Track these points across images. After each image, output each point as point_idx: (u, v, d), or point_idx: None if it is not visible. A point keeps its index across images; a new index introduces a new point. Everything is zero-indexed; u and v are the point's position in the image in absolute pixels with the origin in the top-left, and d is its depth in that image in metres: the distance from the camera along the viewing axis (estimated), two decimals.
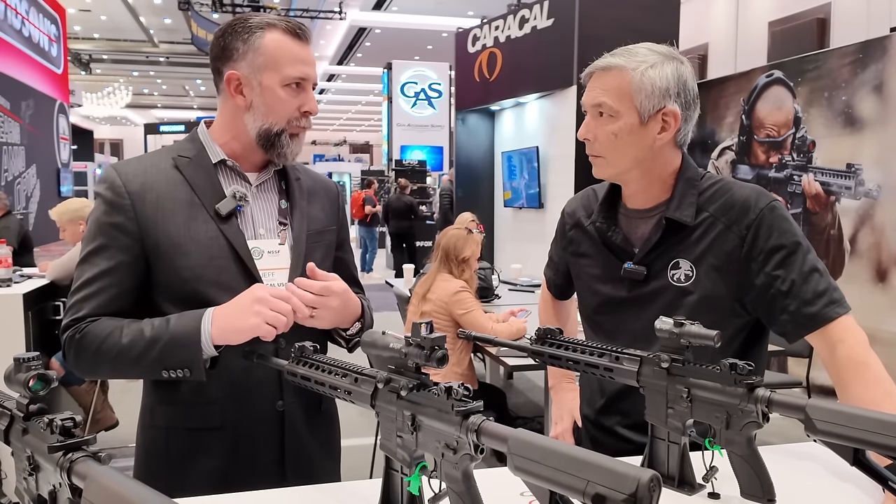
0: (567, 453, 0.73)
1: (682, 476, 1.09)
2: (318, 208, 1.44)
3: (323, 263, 1.39)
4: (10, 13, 10.21)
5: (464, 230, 3.57)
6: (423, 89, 14.52)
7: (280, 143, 1.32)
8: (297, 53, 1.31)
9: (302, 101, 1.32)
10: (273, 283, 1.31)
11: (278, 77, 1.29)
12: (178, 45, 19.24)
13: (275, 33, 1.29)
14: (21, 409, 0.84)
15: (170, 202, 1.29)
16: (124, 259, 1.26)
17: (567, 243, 1.55)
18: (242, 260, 1.29)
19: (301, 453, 1.36)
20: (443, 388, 0.86)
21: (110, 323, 1.23)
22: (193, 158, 1.34)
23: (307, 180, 1.46)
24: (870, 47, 4.20)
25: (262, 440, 1.32)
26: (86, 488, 0.69)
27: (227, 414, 1.29)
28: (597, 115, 1.34)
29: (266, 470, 1.31)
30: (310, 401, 1.37)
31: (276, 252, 1.34)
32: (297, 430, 1.35)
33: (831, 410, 0.94)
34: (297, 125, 1.33)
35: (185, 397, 1.29)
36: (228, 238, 1.29)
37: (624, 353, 1.14)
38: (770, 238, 1.28)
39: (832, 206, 4.43)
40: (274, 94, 1.29)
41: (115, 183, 1.28)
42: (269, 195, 1.39)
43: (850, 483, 1.11)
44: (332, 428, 1.47)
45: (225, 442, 1.28)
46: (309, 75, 1.32)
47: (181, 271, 1.26)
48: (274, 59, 1.29)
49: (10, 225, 6.01)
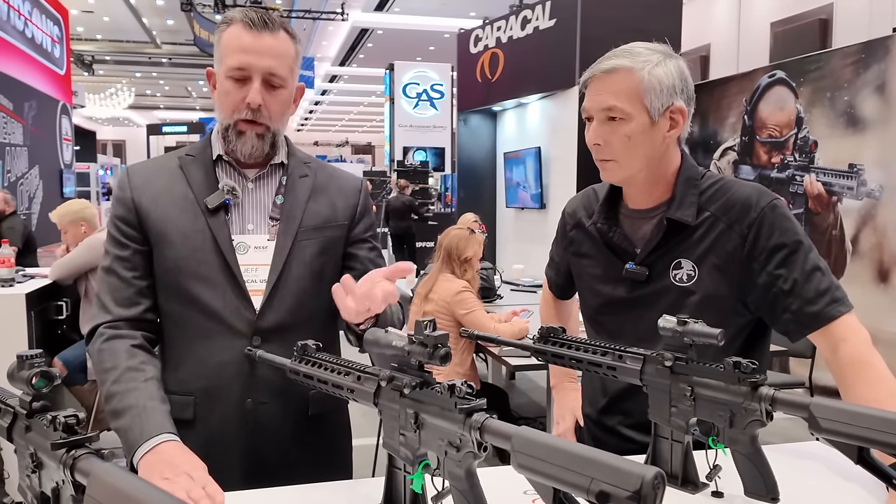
0: (571, 451, 0.73)
1: (685, 475, 1.09)
2: (324, 204, 1.40)
3: (315, 260, 1.36)
4: (13, 14, 10.23)
5: (466, 230, 3.57)
6: (426, 90, 14.51)
7: (230, 137, 1.32)
8: (242, 43, 1.27)
9: (243, 93, 1.28)
10: (255, 280, 1.32)
11: (223, 69, 1.30)
12: (181, 46, 19.26)
13: (233, 27, 1.29)
14: (24, 406, 0.84)
15: (167, 196, 1.34)
16: (135, 247, 1.33)
17: (568, 243, 1.55)
18: (223, 253, 1.30)
19: (272, 456, 1.33)
20: (446, 386, 0.86)
21: (112, 360, 1.26)
22: (197, 156, 1.38)
23: (321, 177, 1.43)
24: (872, 47, 4.19)
25: (229, 438, 1.31)
26: (89, 485, 0.69)
27: (199, 408, 1.31)
28: (605, 119, 1.31)
29: (232, 469, 1.29)
30: (295, 405, 1.34)
31: (263, 248, 1.34)
32: (268, 433, 1.32)
33: (835, 409, 0.94)
34: (241, 119, 1.30)
35: (171, 388, 1.30)
36: (213, 231, 1.31)
37: (627, 352, 1.14)
38: (772, 237, 1.28)
39: (834, 206, 4.43)
40: (222, 87, 1.31)
41: (123, 180, 1.37)
42: (265, 191, 1.39)
43: (853, 482, 1.11)
44: (325, 433, 1.42)
45: (197, 437, 1.26)
46: (249, 64, 1.26)
47: (166, 262, 1.32)
48: (223, 52, 1.30)
49: (14, 225, 6.04)
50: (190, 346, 1.32)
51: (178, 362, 1.34)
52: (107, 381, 1.24)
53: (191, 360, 1.32)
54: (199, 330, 1.30)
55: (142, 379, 1.22)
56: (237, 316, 1.30)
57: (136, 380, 1.22)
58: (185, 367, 1.33)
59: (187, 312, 1.31)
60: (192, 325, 1.31)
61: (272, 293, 1.31)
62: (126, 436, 1.16)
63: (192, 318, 1.31)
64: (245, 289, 1.30)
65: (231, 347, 1.29)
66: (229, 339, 1.28)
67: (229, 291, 1.30)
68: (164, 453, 1.11)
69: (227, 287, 1.30)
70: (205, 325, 1.30)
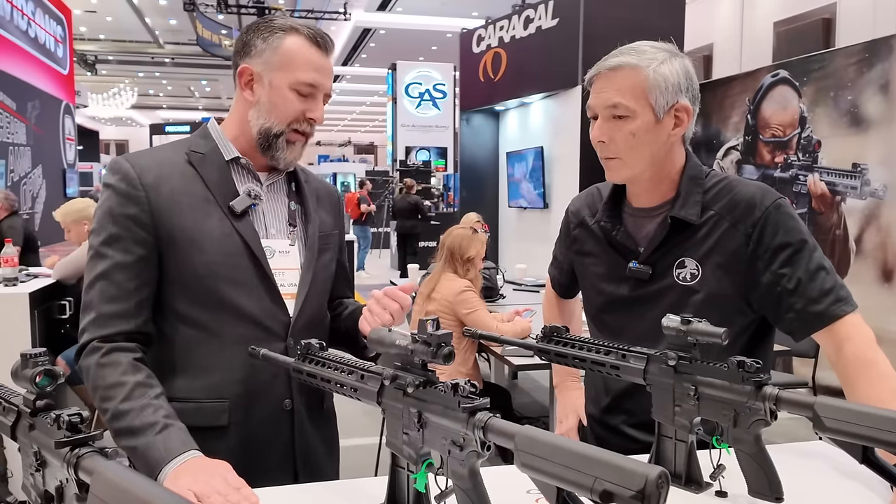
0: (575, 450, 0.72)
1: (689, 474, 1.09)
2: (325, 212, 1.45)
3: (330, 265, 1.43)
4: (17, 14, 10.25)
5: (469, 230, 3.57)
6: (428, 90, 14.53)
7: (276, 145, 1.31)
8: (314, 60, 1.30)
9: (309, 106, 1.31)
10: (284, 283, 1.32)
11: (289, 79, 1.28)
12: (184, 46, 19.30)
13: (297, 37, 1.29)
14: (28, 404, 0.83)
15: (185, 196, 1.27)
16: (141, 252, 1.24)
17: (571, 242, 1.55)
18: (256, 257, 1.29)
19: (309, 452, 1.36)
20: (449, 385, 0.86)
21: (115, 375, 1.18)
22: (207, 154, 1.33)
23: (314, 183, 1.47)
24: (876, 46, 4.18)
25: (271, 440, 1.31)
26: (93, 483, 0.69)
27: (235, 413, 1.28)
28: (610, 116, 1.31)
29: (275, 470, 1.30)
30: (314, 399, 1.37)
31: (287, 252, 1.34)
32: (305, 429, 1.35)
33: (840, 408, 0.93)
34: (297, 130, 1.32)
35: (196, 395, 1.28)
36: (243, 235, 1.29)
37: (631, 351, 1.14)
38: (776, 236, 1.28)
39: (838, 206, 4.42)
40: (280, 94, 1.29)
41: (129, 174, 1.26)
42: (278, 196, 1.39)
43: (857, 481, 1.11)
44: (333, 426, 1.47)
45: (231, 441, 1.27)
46: (320, 83, 1.31)
47: (196, 267, 1.25)
48: (289, 61, 1.28)
49: (14, 225, 6.04)
50: (223, 352, 1.27)
51: (205, 368, 1.28)
52: (114, 397, 1.16)
53: (224, 365, 1.27)
54: (232, 335, 1.27)
55: (152, 395, 1.18)
56: (273, 319, 1.30)
57: (148, 396, 1.17)
58: (215, 372, 1.28)
59: (219, 317, 1.27)
60: (225, 329, 1.27)
61: (306, 296, 1.34)
62: (147, 455, 1.10)
63: (225, 323, 1.27)
64: (279, 292, 1.31)
65: (269, 350, 1.27)
66: (266, 343, 1.24)
67: (265, 296, 1.29)
68: (192, 463, 1.09)
69: (263, 291, 1.29)
70: (239, 329, 1.27)
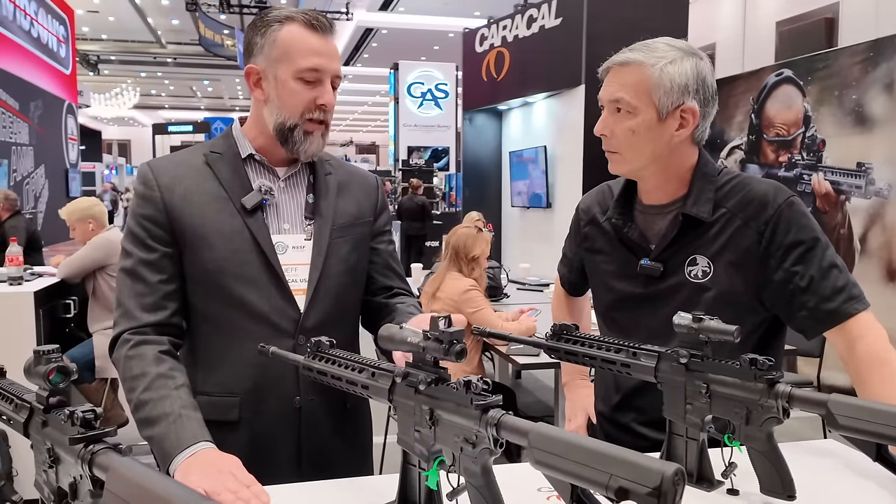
0: (589, 447, 0.72)
1: (700, 472, 1.08)
2: (349, 202, 1.42)
3: (350, 256, 1.38)
4: (20, 14, 10.26)
5: (473, 228, 3.56)
6: (430, 90, 14.52)
7: (294, 138, 1.31)
8: (311, 44, 1.28)
9: (317, 93, 1.29)
10: (295, 279, 1.31)
11: (291, 69, 1.28)
12: (186, 45, 19.32)
13: (292, 26, 1.28)
14: (41, 401, 0.83)
15: (198, 195, 1.29)
16: (162, 249, 1.28)
17: (582, 239, 1.54)
18: (265, 254, 1.29)
19: (320, 451, 1.35)
20: (461, 382, 0.85)
21: (140, 367, 1.21)
22: (224, 154, 1.34)
23: (342, 174, 1.44)
24: (881, 46, 4.18)
25: (279, 437, 1.31)
26: (108, 480, 0.69)
27: (245, 409, 1.29)
28: (614, 110, 1.32)
29: (282, 466, 1.30)
30: (334, 398, 1.35)
31: (301, 247, 1.34)
32: (316, 428, 1.34)
33: (854, 406, 0.93)
34: (312, 119, 1.31)
35: (207, 389, 1.29)
36: (252, 231, 1.29)
37: (641, 349, 1.13)
38: (788, 234, 1.27)
39: (842, 205, 4.41)
40: (287, 87, 1.29)
41: (148, 177, 1.31)
42: (296, 190, 1.38)
43: (870, 480, 1.10)
44: (359, 425, 1.45)
45: (242, 437, 1.28)
46: (324, 67, 1.29)
47: (206, 263, 1.28)
48: (287, 51, 1.28)
49: (18, 224, 6.06)
50: (232, 347, 1.29)
51: (218, 363, 1.30)
52: (136, 388, 1.19)
53: (234, 360, 1.29)
54: (242, 331, 1.28)
55: (173, 386, 1.19)
56: (282, 316, 1.30)
57: (168, 387, 1.18)
58: (226, 367, 1.30)
59: (230, 313, 1.28)
60: (235, 326, 1.28)
61: (315, 292, 1.32)
62: (161, 444, 1.12)
63: (235, 319, 1.28)
64: (289, 289, 1.30)
65: (277, 347, 1.27)
66: (275, 340, 1.25)
67: (274, 292, 1.29)
68: (202, 457, 1.09)
69: (272, 287, 1.29)
70: (249, 326, 1.28)
